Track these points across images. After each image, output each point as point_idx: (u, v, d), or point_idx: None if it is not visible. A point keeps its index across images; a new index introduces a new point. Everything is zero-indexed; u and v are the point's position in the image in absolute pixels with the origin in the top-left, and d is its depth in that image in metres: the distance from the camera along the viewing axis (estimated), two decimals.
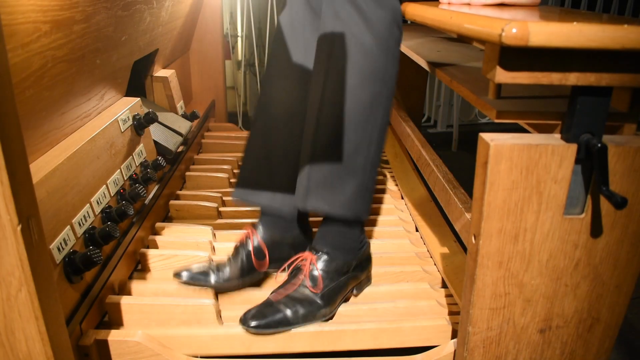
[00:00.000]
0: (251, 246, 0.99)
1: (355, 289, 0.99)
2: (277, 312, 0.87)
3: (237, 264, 0.98)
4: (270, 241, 1.01)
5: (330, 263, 0.92)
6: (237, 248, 1.00)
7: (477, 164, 0.65)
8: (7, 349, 0.55)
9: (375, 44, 0.85)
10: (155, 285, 0.98)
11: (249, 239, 1.00)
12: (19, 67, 0.71)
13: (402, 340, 0.90)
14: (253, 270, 0.99)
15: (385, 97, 0.89)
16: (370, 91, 0.87)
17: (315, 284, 0.90)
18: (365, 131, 0.88)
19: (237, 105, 2.51)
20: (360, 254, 0.97)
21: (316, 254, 0.93)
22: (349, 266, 0.95)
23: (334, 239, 0.94)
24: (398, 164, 1.64)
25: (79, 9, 0.86)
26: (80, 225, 0.85)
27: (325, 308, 0.90)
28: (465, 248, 0.74)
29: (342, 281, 0.93)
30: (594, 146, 0.59)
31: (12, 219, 0.49)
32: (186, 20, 1.73)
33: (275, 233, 1.02)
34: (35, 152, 0.82)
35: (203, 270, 0.96)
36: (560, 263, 0.67)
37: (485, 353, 0.73)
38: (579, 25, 0.53)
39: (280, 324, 0.86)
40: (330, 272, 0.92)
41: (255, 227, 1.03)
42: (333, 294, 0.91)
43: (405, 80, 1.84)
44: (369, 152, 0.89)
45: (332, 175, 0.89)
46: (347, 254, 0.94)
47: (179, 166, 1.42)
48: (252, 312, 0.87)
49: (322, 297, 0.90)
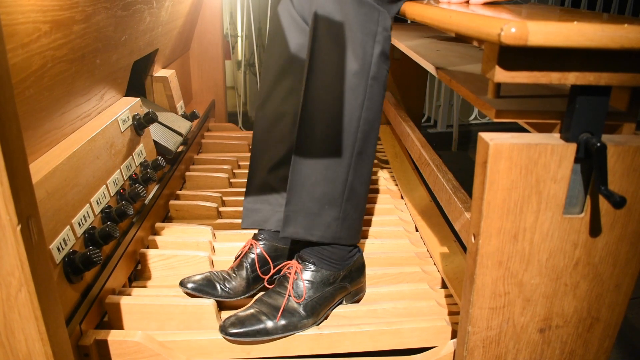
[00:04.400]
0: (255, 256, 0.99)
1: (345, 300, 0.97)
2: (256, 322, 0.86)
3: (242, 276, 0.97)
4: (274, 249, 1.01)
5: (316, 274, 0.91)
6: (241, 259, 0.99)
7: (476, 164, 0.65)
8: (7, 349, 0.55)
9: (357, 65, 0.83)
10: (155, 285, 0.98)
11: (252, 249, 1.00)
12: (19, 67, 0.71)
13: (401, 342, 0.90)
14: (258, 280, 0.99)
15: (365, 119, 0.86)
16: (347, 113, 0.85)
17: (299, 294, 0.89)
18: (344, 157, 0.86)
19: (237, 105, 2.51)
20: (350, 264, 0.95)
21: (302, 264, 0.92)
22: (337, 277, 0.93)
23: (321, 249, 0.92)
24: (398, 164, 1.64)
25: (79, 9, 0.86)
26: (80, 225, 0.85)
27: (307, 319, 0.88)
28: (465, 248, 0.74)
29: (328, 292, 0.91)
30: (593, 145, 0.59)
31: (12, 219, 0.49)
32: (186, 20, 1.73)
33: (277, 241, 1.02)
34: (35, 152, 0.82)
35: (209, 282, 0.95)
36: (560, 262, 0.67)
37: (485, 353, 0.73)
38: (578, 25, 0.53)
39: (259, 333, 0.85)
40: (316, 282, 0.91)
41: (257, 237, 1.02)
42: (317, 305, 0.90)
43: (405, 80, 1.84)
44: (347, 179, 0.88)
45: (310, 202, 0.88)
46: (335, 264, 0.93)
47: (179, 166, 1.42)
48: (231, 319, 0.86)
49: (305, 307, 0.89)
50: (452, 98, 2.61)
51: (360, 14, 0.82)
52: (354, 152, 0.87)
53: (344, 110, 0.84)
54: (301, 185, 0.88)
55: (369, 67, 0.84)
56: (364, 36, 0.82)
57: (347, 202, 0.89)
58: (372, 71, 0.85)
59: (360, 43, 0.82)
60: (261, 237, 1.02)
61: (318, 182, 0.87)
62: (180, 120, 1.52)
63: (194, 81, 2.03)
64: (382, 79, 0.87)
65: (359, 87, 0.84)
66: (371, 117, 0.87)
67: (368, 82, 0.84)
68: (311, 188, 0.88)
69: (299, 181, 0.88)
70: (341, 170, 0.87)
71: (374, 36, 0.83)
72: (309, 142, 0.87)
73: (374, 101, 0.86)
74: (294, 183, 0.89)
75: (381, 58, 0.85)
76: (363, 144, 0.88)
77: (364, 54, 0.83)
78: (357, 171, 0.88)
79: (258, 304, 0.89)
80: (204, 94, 2.05)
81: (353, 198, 0.90)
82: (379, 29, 0.84)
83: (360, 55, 0.83)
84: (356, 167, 0.88)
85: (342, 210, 0.89)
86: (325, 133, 0.85)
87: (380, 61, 0.85)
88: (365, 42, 0.83)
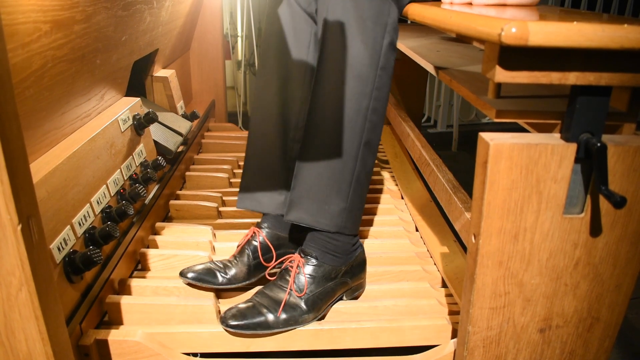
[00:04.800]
0: (257, 243, 0.99)
1: (345, 295, 0.97)
2: (257, 315, 0.86)
3: (243, 262, 0.97)
4: (276, 237, 1.01)
5: (318, 268, 0.91)
6: (243, 247, 0.99)
7: (476, 164, 0.65)
8: (7, 348, 0.55)
9: (367, 56, 0.85)
10: (155, 285, 0.98)
11: (255, 237, 1.00)
12: (19, 67, 0.71)
13: (402, 339, 0.90)
14: (260, 268, 0.99)
15: (373, 109, 0.87)
16: (356, 102, 0.86)
17: (300, 288, 0.89)
18: (352, 146, 0.87)
19: (237, 105, 2.51)
20: (352, 258, 0.96)
21: (304, 257, 0.92)
22: (338, 272, 0.93)
23: (324, 242, 0.92)
24: (398, 164, 1.64)
25: (79, 9, 0.86)
26: (80, 225, 0.85)
27: (308, 314, 0.88)
28: (465, 248, 0.74)
29: (329, 287, 0.92)
30: (593, 146, 0.59)
31: (12, 219, 0.49)
32: (186, 20, 1.73)
33: (280, 230, 1.02)
34: (35, 152, 0.82)
35: (209, 270, 0.95)
36: (560, 262, 0.67)
37: (485, 353, 0.73)
38: (578, 25, 0.53)
39: (259, 326, 0.85)
40: (317, 277, 0.91)
41: (260, 225, 1.02)
42: (318, 299, 0.90)
43: (405, 80, 1.84)
44: (354, 169, 0.88)
45: (317, 188, 0.88)
46: (337, 259, 0.93)
47: (179, 166, 1.42)
48: (232, 311, 0.86)
49: (306, 302, 0.89)
50: (452, 98, 2.61)
51: (373, 6, 0.83)
52: (362, 142, 0.88)
53: (354, 100, 0.85)
54: (309, 172, 0.89)
55: (379, 58, 0.85)
56: (375, 26, 0.84)
57: (354, 193, 0.90)
58: (382, 61, 0.86)
59: (371, 33, 0.84)
60: (264, 225, 1.02)
61: (325, 170, 0.88)
62: (180, 120, 1.52)
63: (194, 81, 2.03)
64: (390, 70, 0.88)
65: (368, 76, 0.85)
66: (379, 107, 0.88)
67: (377, 72, 0.86)
68: (318, 176, 0.88)
69: (307, 168, 0.89)
70: (349, 159, 0.88)
71: (384, 27, 0.85)
72: (319, 130, 0.87)
73: (382, 91, 0.88)
74: (302, 169, 0.89)
75: (390, 49, 0.87)
76: (370, 134, 0.89)
77: (374, 44, 0.84)
78: (363, 161, 0.89)
79: (259, 297, 0.89)
80: (204, 94, 2.05)
81: (359, 188, 0.91)
82: (389, 19, 0.85)
83: (371, 46, 0.84)
84: (363, 157, 0.89)
85: (349, 200, 0.90)
86: (335, 122, 0.86)
87: (389, 52, 0.86)
88: (377, 32, 0.84)
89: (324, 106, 0.86)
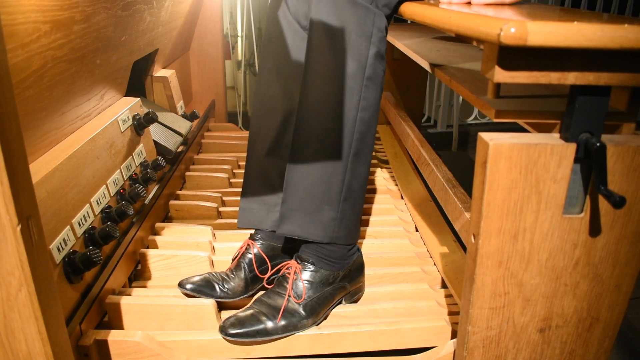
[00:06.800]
0: (252, 255, 0.99)
1: (344, 299, 0.97)
2: (256, 322, 0.86)
3: (240, 277, 0.97)
4: (270, 248, 1.01)
5: (315, 274, 0.91)
6: (238, 260, 0.99)
7: (476, 164, 0.65)
8: (7, 349, 0.55)
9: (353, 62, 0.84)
10: (155, 285, 0.98)
11: (249, 249, 1.00)
12: (19, 67, 0.71)
13: (401, 342, 0.90)
14: (256, 280, 0.99)
15: (360, 119, 0.87)
16: (342, 113, 0.85)
17: (298, 294, 0.89)
18: (340, 157, 0.87)
19: (237, 105, 2.51)
20: (349, 263, 0.95)
21: (301, 264, 0.92)
22: (336, 277, 0.93)
23: (320, 248, 0.92)
24: (398, 164, 1.64)
25: (79, 9, 0.86)
26: (80, 225, 0.85)
27: (307, 319, 0.88)
28: (465, 248, 0.74)
29: (327, 292, 0.92)
30: (592, 145, 0.59)
31: (12, 219, 0.49)
32: (186, 20, 1.73)
33: (274, 240, 1.02)
34: (35, 152, 0.82)
35: (207, 282, 0.95)
36: (560, 262, 0.67)
37: (485, 353, 0.73)
38: (577, 25, 0.53)
39: (259, 333, 0.85)
40: (315, 283, 0.91)
41: (254, 237, 1.02)
42: (317, 305, 0.90)
43: (405, 80, 1.84)
44: (344, 179, 0.88)
45: (307, 200, 0.88)
46: (334, 264, 0.93)
47: (179, 166, 1.42)
48: (231, 319, 0.86)
49: (304, 307, 0.89)
50: (452, 98, 2.61)
51: (355, 16, 0.83)
52: (351, 152, 0.88)
53: (340, 111, 0.85)
54: (298, 185, 0.89)
55: (364, 68, 0.85)
56: (358, 38, 0.83)
57: (344, 202, 0.89)
58: (368, 72, 0.85)
59: (355, 45, 0.83)
60: (258, 237, 1.02)
61: (315, 182, 0.88)
62: (180, 120, 1.52)
63: (194, 81, 2.03)
64: (377, 80, 0.88)
65: (354, 87, 0.85)
66: (367, 117, 0.88)
67: (363, 82, 0.85)
68: (308, 188, 0.88)
69: (296, 180, 0.89)
70: (338, 170, 0.87)
71: (369, 37, 0.84)
72: (306, 142, 0.87)
73: (370, 101, 0.87)
74: (291, 182, 0.89)
75: (376, 59, 0.86)
76: (360, 144, 0.88)
77: (359, 55, 0.84)
78: (354, 171, 0.89)
79: (258, 305, 0.89)
80: (204, 94, 2.05)
81: (350, 198, 0.90)
82: (374, 30, 0.84)
83: (356, 57, 0.84)
84: (353, 167, 0.89)
85: (339, 210, 0.89)
86: (322, 133, 0.86)
87: (375, 62, 0.86)
88: (360, 43, 0.84)
89: (310, 119, 0.86)
